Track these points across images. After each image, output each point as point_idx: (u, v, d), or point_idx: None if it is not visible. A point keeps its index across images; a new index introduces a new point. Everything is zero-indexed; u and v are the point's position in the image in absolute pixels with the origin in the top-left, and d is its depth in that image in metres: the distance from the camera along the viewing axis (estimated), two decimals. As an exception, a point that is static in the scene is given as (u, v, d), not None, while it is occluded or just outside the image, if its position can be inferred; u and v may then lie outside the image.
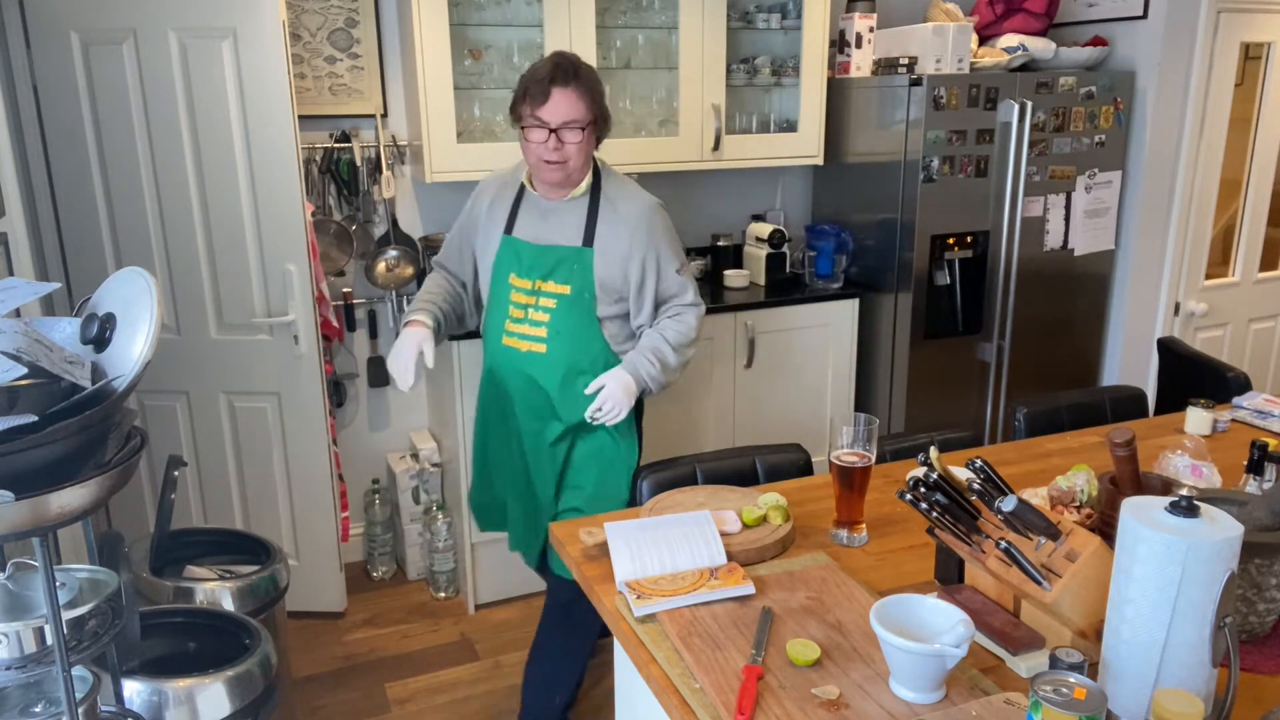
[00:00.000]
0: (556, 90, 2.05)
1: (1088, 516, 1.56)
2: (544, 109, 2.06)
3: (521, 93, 2.09)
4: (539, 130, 2.07)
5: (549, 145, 2.07)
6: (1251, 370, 3.79)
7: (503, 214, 2.25)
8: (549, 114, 2.06)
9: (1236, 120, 3.75)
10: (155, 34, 2.62)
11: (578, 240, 2.18)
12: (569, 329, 2.18)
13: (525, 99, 2.08)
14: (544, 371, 2.21)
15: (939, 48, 3.27)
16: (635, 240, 2.18)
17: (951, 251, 3.34)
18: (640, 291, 2.22)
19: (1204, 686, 1.11)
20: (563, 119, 2.06)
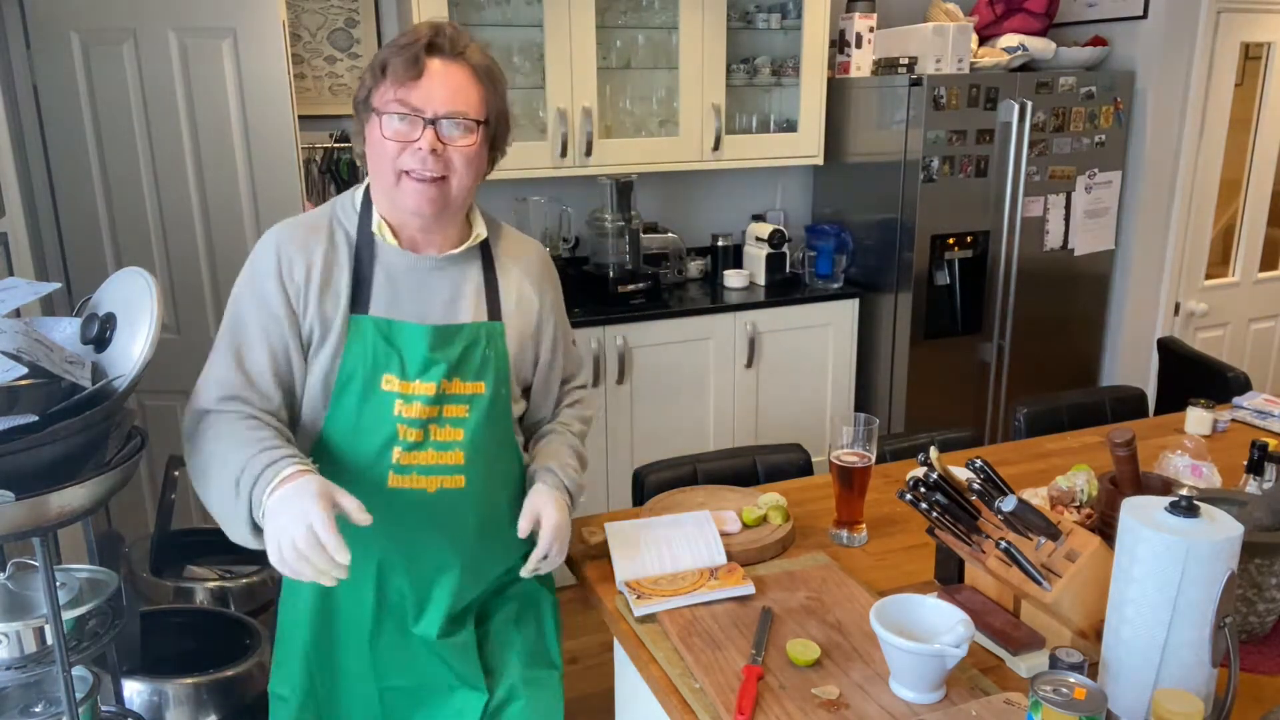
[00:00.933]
0: (437, 63, 1.33)
1: (1088, 516, 1.57)
2: (415, 89, 1.32)
3: (378, 67, 1.34)
4: (406, 123, 1.32)
5: (422, 149, 1.32)
6: (1251, 370, 3.79)
7: (339, 283, 1.38)
8: (423, 97, 1.32)
9: (1236, 120, 3.75)
10: (155, 34, 2.62)
11: (480, 312, 1.45)
12: (489, 445, 1.45)
13: (384, 76, 1.33)
14: (461, 515, 1.43)
15: (939, 48, 3.27)
16: (544, 303, 1.53)
17: (951, 251, 3.34)
18: (549, 372, 1.58)
19: (1204, 686, 1.11)
20: (448, 107, 1.32)
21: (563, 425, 1.61)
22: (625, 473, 3.12)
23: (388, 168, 1.34)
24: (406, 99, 1.32)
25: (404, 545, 1.42)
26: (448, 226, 1.43)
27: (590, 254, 3.37)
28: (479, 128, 1.36)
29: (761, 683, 1.24)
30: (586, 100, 3.11)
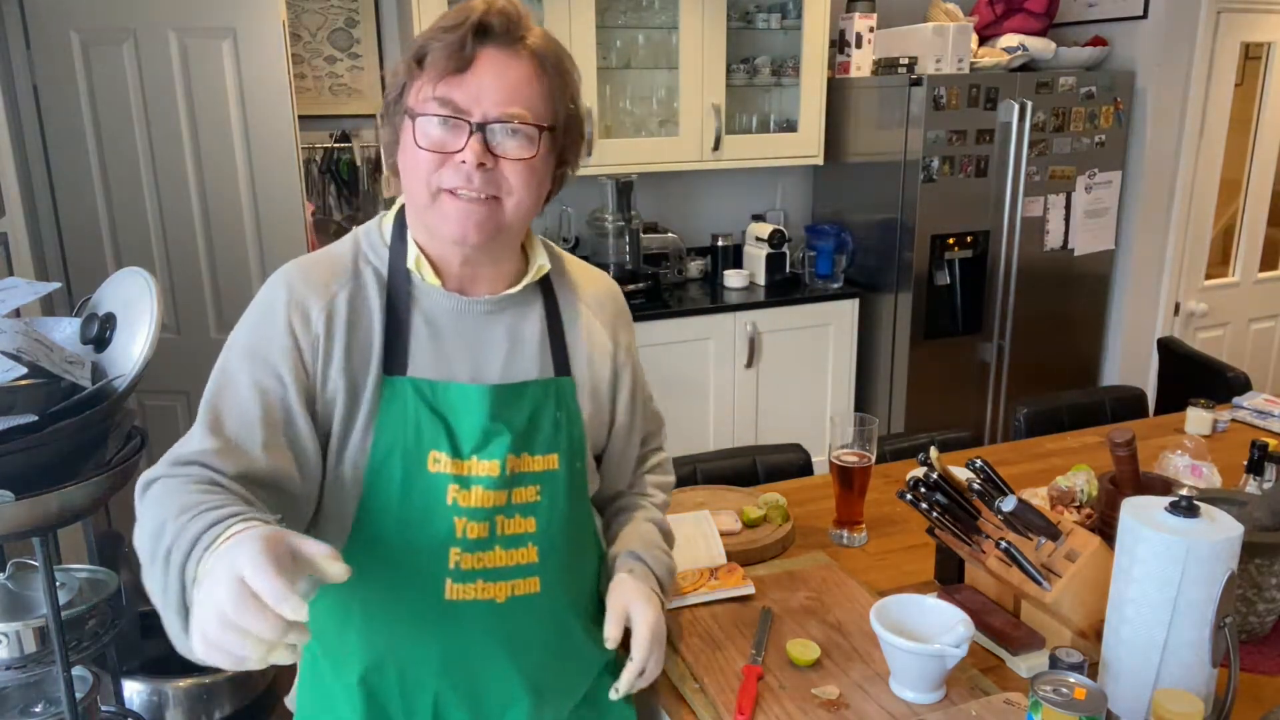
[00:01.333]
0: (490, 50, 1.02)
1: (1088, 516, 1.57)
2: (461, 85, 1.01)
3: (414, 57, 1.03)
4: (448, 128, 1.02)
5: (467, 162, 1.01)
6: (1251, 370, 3.79)
7: (369, 336, 1.07)
8: (471, 95, 1.01)
9: (1236, 120, 3.75)
10: (155, 34, 2.62)
11: (546, 365, 1.16)
12: (567, 536, 1.16)
13: (421, 68, 1.02)
14: (536, 627, 1.14)
15: (939, 48, 3.27)
16: (619, 351, 1.24)
17: (951, 251, 3.34)
18: (629, 435, 1.28)
19: (1204, 686, 1.11)
20: (501, 109, 1.02)
21: (644, 498, 1.33)
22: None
23: (423, 185, 1.03)
24: (449, 97, 1.00)
25: (466, 674, 1.11)
26: (501, 259, 1.12)
27: (590, 254, 3.37)
28: (541, 135, 1.04)
29: (761, 683, 1.24)
30: (586, 100, 3.10)
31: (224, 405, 1.02)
